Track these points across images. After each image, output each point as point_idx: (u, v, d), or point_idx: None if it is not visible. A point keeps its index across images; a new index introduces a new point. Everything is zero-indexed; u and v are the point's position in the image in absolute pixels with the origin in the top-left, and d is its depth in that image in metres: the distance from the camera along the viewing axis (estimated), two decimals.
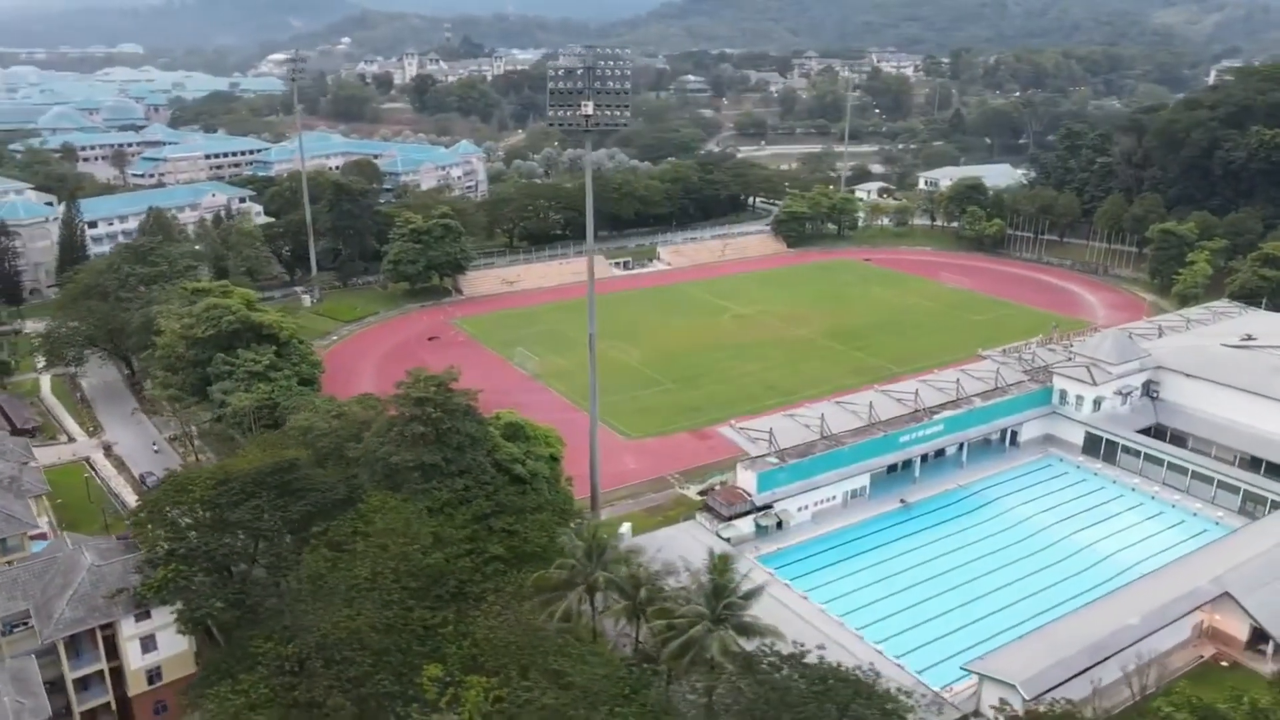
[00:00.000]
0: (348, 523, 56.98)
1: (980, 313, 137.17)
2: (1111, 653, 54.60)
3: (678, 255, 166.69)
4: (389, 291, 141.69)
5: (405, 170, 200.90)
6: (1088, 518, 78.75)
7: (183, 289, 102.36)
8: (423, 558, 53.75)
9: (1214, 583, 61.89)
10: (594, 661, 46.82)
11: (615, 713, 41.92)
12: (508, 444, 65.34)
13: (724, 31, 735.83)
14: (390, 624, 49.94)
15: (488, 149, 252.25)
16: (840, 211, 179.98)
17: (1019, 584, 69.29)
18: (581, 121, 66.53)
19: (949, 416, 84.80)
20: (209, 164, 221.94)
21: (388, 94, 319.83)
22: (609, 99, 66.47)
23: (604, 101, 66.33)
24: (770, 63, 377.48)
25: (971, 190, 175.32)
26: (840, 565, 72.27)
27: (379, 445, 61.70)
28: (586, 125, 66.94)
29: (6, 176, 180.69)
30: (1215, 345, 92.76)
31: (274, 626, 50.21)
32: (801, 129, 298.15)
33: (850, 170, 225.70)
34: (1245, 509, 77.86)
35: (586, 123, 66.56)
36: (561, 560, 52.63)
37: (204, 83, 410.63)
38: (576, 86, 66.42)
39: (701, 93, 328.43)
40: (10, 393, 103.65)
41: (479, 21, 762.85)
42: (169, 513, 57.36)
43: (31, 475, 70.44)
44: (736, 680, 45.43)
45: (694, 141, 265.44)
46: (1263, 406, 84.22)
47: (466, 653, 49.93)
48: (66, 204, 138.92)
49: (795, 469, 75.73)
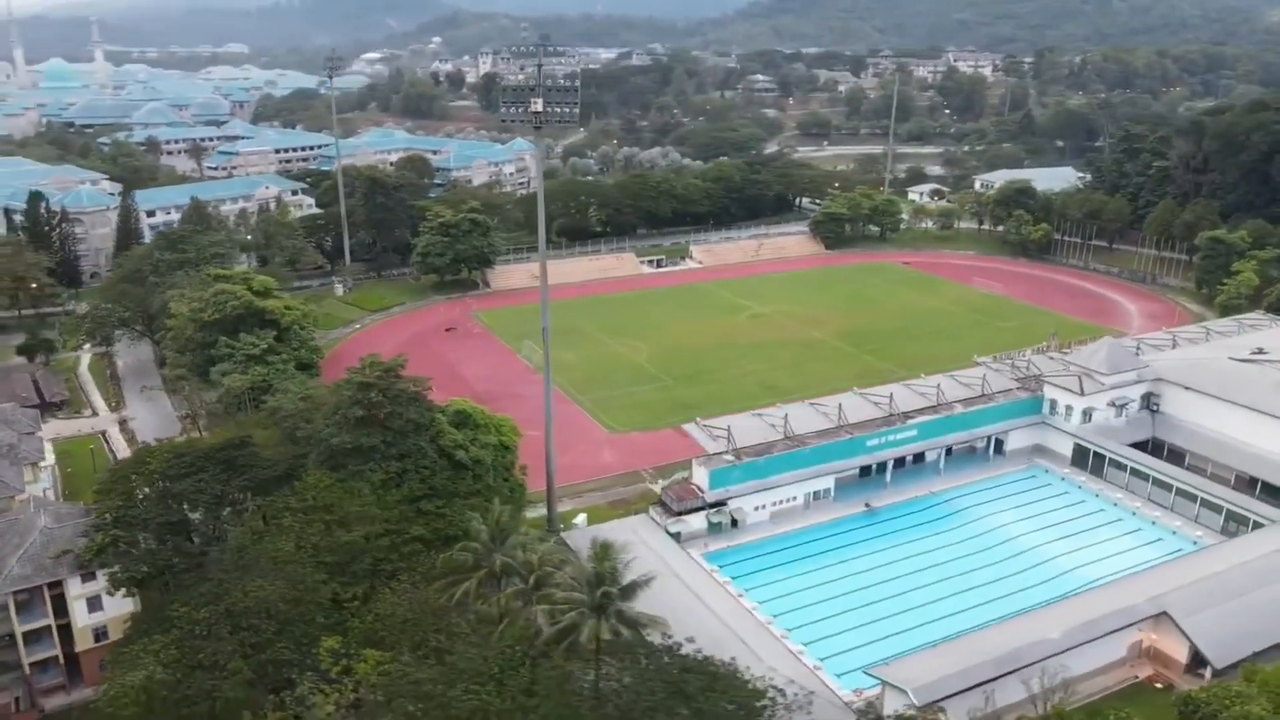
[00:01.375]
0: (281, 499, 59.97)
1: (1008, 319, 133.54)
2: (1020, 665, 53.38)
3: (710, 254, 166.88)
4: (419, 283, 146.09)
5: (457, 166, 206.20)
6: (1058, 530, 76.65)
7: (205, 274, 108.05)
8: (344, 534, 56.26)
9: (1152, 602, 59.79)
10: (475, 641, 48.40)
11: (470, 689, 43.42)
12: (453, 431, 67.44)
13: (810, 30, 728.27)
14: (299, 596, 52.49)
15: (545, 145, 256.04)
16: (882, 213, 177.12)
17: (968, 594, 68.04)
18: (531, 118, 67.91)
19: (924, 422, 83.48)
20: (278, 158, 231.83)
21: (459, 92, 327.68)
22: (558, 96, 67.62)
23: (552, 99, 67.53)
24: (843, 62, 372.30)
25: (1019, 193, 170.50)
26: (789, 566, 72.11)
27: (324, 427, 64.62)
28: (536, 122, 68.24)
29: (88, 168, 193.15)
30: (1222, 358, 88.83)
31: (194, 593, 53.39)
32: (866, 129, 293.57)
33: (904, 172, 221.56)
34: (1227, 529, 74.67)
35: (536, 119, 67.87)
36: (466, 544, 54.38)
37: (296, 80, 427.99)
38: (527, 84, 67.78)
39: (769, 92, 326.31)
40: (50, 369, 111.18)
41: (567, 21, 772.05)
42: (131, 482, 61.51)
43: (31, 444, 75.82)
44: (613, 668, 46.49)
45: (752, 141, 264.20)
46: (1261, 424, 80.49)
47: (369, 627, 52.10)
48: (122, 193, 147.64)
49: (750, 467, 75.84)
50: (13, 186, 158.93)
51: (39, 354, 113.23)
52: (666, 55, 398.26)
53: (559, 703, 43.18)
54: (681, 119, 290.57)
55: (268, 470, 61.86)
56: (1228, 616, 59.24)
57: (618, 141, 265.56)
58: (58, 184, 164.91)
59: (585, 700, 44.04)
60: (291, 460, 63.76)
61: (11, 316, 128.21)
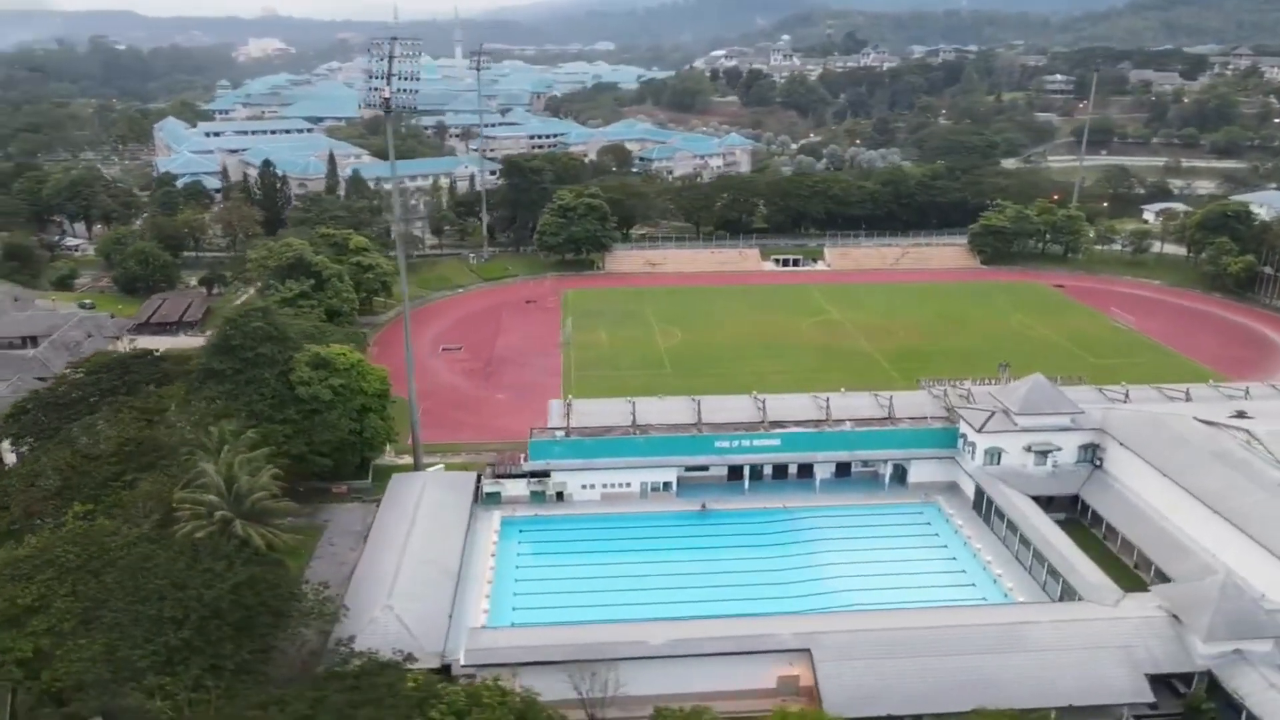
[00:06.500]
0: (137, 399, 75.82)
1: (1111, 357, 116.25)
2: (592, 658, 53.31)
3: (843, 258, 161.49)
4: (544, 260, 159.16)
5: (659, 157, 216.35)
6: (877, 567, 70.50)
7: (321, 233, 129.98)
8: (135, 431, 70.26)
9: (799, 638, 55.51)
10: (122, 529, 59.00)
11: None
12: (305, 370, 78.90)
13: (1214, 24, 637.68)
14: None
15: (781, 143, 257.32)
16: (1061, 230, 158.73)
17: (711, 604, 66.05)
18: (382, 104, 76.36)
19: (789, 434, 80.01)
20: (530, 143, 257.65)
21: (733, 86, 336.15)
22: (403, 83, 75.42)
23: (400, 86, 75.47)
24: (1181, 61, 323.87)
25: (1227, 217, 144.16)
26: (574, 544, 74.25)
27: (202, 352, 79.65)
28: (387, 109, 76.59)
29: (365, 146, 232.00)
30: (1187, 418, 74.27)
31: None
32: (1159, 139, 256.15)
33: (1147, 187, 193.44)
34: (1048, 588, 64.78)
35: (386, 105, 76.19)
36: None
37: (626, 75, 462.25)
38: (381, 71, 76.13)
39: (1061, 94, 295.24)
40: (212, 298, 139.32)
41: (927, 17, 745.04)
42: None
43: (91, 344, 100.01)
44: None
45: (1012, 146, 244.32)
46: (1176, 498, 67.60)
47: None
48: (328, 162, 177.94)
49: (576, 446, 78.75)
50: (298, 156, 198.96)
51: (214, 285, 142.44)
52: (972, 53, 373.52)
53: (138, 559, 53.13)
54: (942, 120, 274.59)
55: (141, 376, 78.08)
56: (876, 672, 53.50)
57: (861, 141, 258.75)
58: (320, 156, 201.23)
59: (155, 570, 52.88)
60: (165, 371, 79.55)
61: (228, 254, 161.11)
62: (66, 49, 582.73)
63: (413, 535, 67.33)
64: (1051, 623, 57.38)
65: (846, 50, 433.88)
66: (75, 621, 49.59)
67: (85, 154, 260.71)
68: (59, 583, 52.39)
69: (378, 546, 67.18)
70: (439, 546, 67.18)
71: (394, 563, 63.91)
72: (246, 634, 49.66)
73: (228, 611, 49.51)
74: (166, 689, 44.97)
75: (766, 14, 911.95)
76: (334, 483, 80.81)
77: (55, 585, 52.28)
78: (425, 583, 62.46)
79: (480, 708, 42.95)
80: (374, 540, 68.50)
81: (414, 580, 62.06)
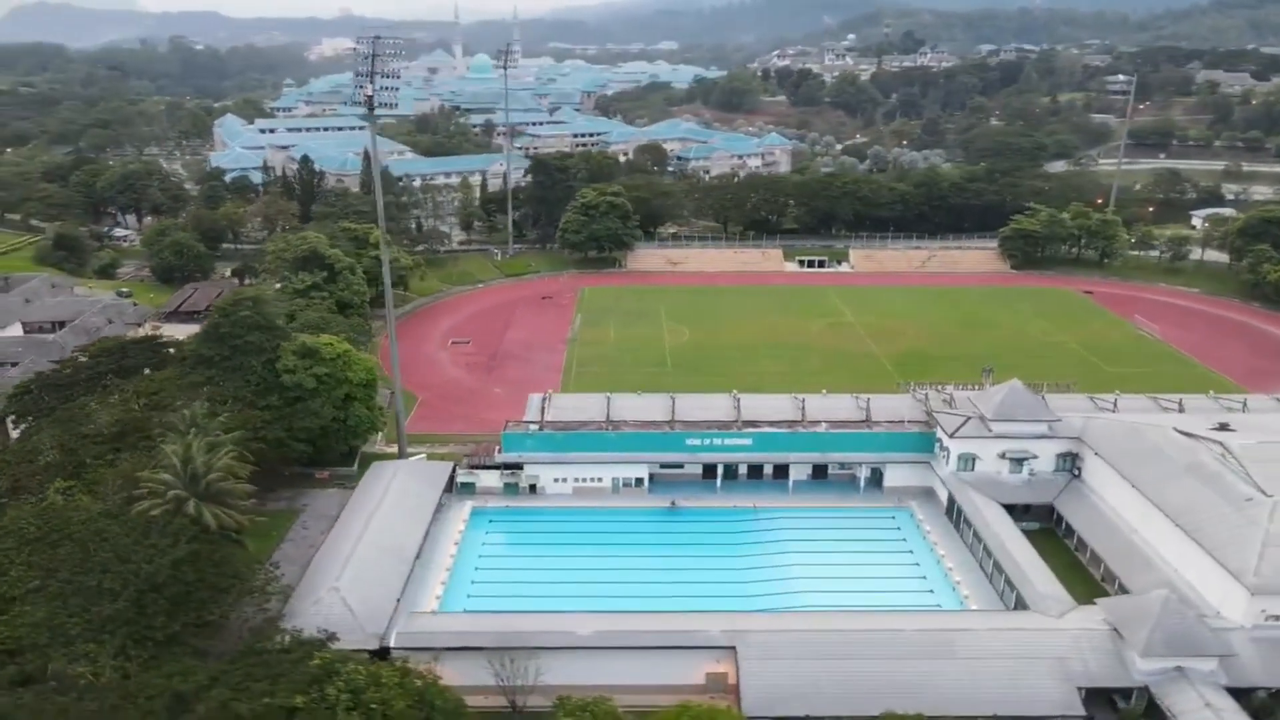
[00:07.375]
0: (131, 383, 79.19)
1: (1130, 365, 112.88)
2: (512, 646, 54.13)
3: (868, 260, 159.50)
4: (567, 257, 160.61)
5: (697, 156, 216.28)
6: (839, 570, 69.92)
7: (343, 227, 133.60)
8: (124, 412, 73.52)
9: (727, 635, 55.57)
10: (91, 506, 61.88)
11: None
12: (292, 358, 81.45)
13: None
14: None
15: (825, 144, 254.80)
16: (1096, 235, 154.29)
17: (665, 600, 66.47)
18: (366, 104, 78.32)
19: (761, 434, 79.76)
20: (574, 141, 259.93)
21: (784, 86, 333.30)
22: (385, 83, 77.26)
23: (382, 85, 77.32)
24: (1255, 61, 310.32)
25: (1269, 224, 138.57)
26: (539, 536, 75.64)
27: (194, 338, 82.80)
28: (371, 108, 78.49)
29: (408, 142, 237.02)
30: (1166, 428, 71.98)
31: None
32: (1222, 142, 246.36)
33: (1199, 191, 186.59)
34: (1005, 597, 63.50)
35: (369, 104, 78.14)
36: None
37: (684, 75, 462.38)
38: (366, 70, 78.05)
39: (1123, 94, 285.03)
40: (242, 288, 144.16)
41: (996, 15, 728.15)
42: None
43: (111, 330, 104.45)
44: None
45: (1065, 148, 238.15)
46: (1145, 510, 65.81)
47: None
48: (364, 159, 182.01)
49: (548, 439, 79.71)
50: (338, 152, 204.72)
51: (245, 276, 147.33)
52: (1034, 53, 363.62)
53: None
54: (993, 121, 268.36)
55: (137, 360, 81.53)
56: (797, 673, 53.29)
57: (907, 142, 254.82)
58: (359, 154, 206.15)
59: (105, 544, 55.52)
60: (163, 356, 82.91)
61: (264, 247, 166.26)
62: (148, 49, 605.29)
63: (374, 521, 68.98)
64: (987, 631, 56.42)
65: (904, 50, 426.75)
66: (24, 589, 52.32)
67: (150, 149, 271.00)
68: (17, 552, 55.32)
69: (340, 531, 69.12)
70: (399, 532, 68.73)
71: (350, 547, 65.68)
72: (182, 608, 51.76)
73: (165, 585, 51.67)
74: (91, 654, 47.21)
75: (834, 13, 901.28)
76: (319, 469, 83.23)
77: (14, 555, 55.24)
78: (377, 567, 63.96)
79: (378, 687, 44.13)
80: (339, 525, 70.47)
81: (366, 564, 63.63)
